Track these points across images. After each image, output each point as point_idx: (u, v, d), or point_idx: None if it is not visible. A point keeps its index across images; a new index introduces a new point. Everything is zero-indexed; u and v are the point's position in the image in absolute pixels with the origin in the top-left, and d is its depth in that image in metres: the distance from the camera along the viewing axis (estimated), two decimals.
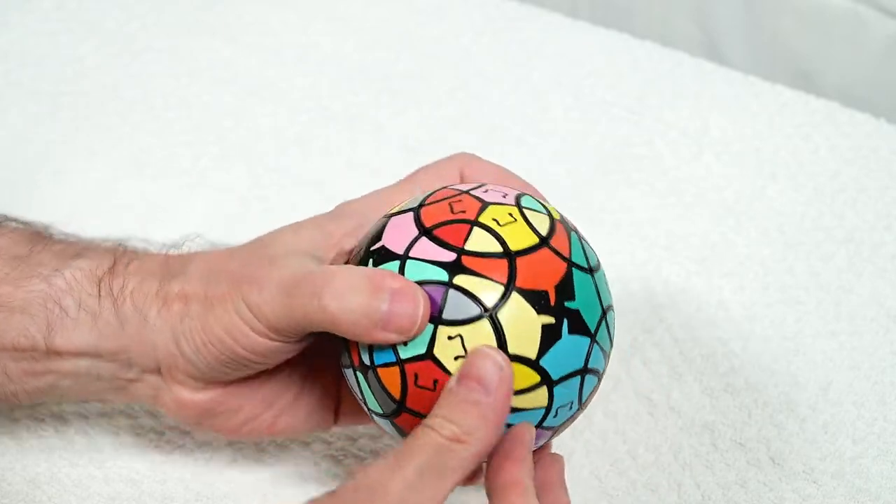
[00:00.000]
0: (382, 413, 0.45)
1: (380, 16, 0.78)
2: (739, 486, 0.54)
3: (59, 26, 0.77)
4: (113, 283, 0.49)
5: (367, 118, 0.71)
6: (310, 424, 0.51)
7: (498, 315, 0.43)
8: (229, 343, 0.46)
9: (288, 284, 0.45)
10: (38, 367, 0.49)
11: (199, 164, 0.69)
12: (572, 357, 0.44)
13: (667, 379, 0.58)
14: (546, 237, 0.45)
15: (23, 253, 0.50)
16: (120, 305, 0.48)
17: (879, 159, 0.68)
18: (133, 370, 0.49)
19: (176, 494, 0.54)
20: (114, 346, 0.48)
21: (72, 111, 0.72)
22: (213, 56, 0.75)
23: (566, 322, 0.44)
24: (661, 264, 0.63)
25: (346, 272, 0.45)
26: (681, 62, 0.75)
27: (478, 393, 0.42)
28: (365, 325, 0.43)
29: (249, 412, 0.50)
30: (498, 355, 0.42)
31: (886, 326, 0.60)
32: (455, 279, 0.43)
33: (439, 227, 0.45)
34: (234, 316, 0.46)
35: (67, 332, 0.48)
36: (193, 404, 0.49)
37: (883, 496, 0.54)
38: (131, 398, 0.50)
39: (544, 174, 0.68)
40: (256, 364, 0.47)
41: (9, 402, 0.50)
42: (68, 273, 0.49)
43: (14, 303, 0.48)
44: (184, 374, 0.48)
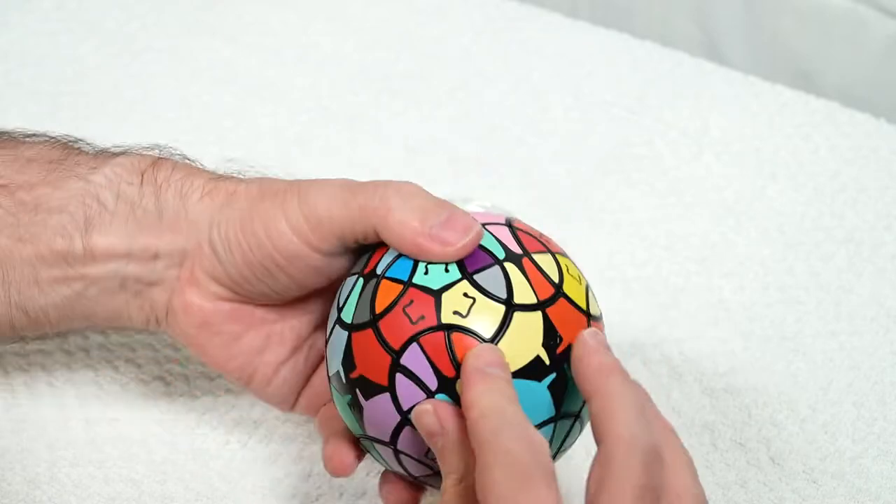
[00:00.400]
0: (349, 323, 0.45)
1: (380, 16, 0.78)
2: (739, 486, 0.54)
3: (59, 26, 0.77)
4: (157, 174, 0.49)
5: (367, 118, 0.71)
6: (279, 392, 0.51)
7: (515, 313, 0.44)
8: (263, 240, 0.46)
9: (353, 183, 0.46)
10: (70, 272, 0.48)
11: (199, 164, 0.69)
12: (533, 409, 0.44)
13: (667, 379, 0.58)
14: (591, 315, 0.46)
15: (60, 157, 0.50)
16: (162, 192, 0.48)
17: (879, 159, 0.68)
18: (157, 267, 0.48)
19: (176, 494, 0.54)
20: (146, 238, 0.48)
21: (72, 111, 0.72)
22: (213, 56, 0.75)
23: (554, 376, 0.44)
24: (661, 264, 0.63)
25: (413, 184, 0.46)
26: (681, 62, 0.75)
27: (438, 440, 0.42)
28: (415, 228, 0.44)
29: (244, 345, 0.49)
30: (426, 404, 0.43)
31: (886, 326, 0.60)
32: (506, 264, 0.45)
33: (523, 233, 0.47)
34: (279, 212, 0.46)
35: (104, 227, 0.48)
36: (200, 312, 0.48)
37: (883, 496, 0.54)
38: (147, 309, 0.50)
39: (544, 174, 0.68)
40: (279, 275, 0.47)
41: (38, 326, 0.50)
42: (108, 169, 0.49)
43: (52, 203, 0.48)
44: (205, 271, 0.48)
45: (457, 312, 0.43)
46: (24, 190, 0.49)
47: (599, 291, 0.62)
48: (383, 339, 0.44)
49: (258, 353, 0.50)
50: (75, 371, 0.57)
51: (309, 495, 0.54)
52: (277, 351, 0.50)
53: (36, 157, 0.50)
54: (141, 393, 0.57)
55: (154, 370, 0.58)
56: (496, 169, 0.68)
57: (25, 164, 0.49)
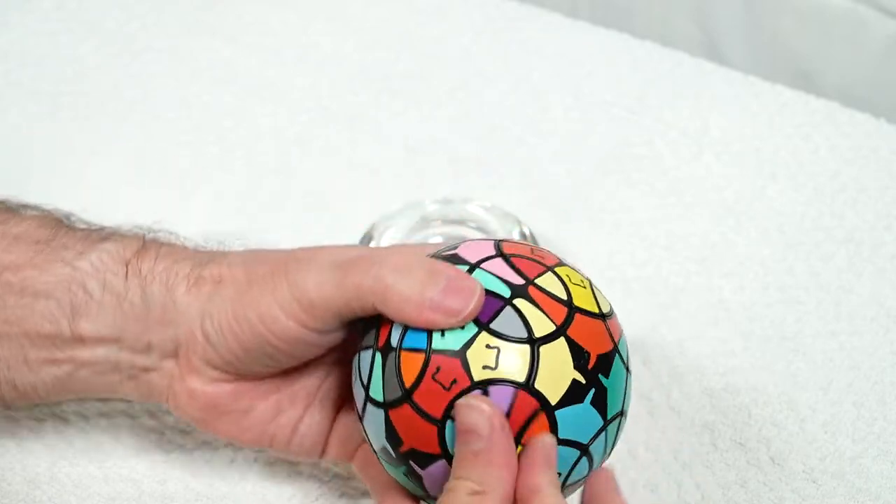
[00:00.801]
0: (382, 401, 0.44)
1: (380, 16, 0.78)
2: (739, 486, 0.54)
3: (59, 26, 0.77)
4: (142, 265, 0.48)
5: (367, 118, 0.71)
6: (303, 446, 0.50)
7: (540, 347, 0.43)
8: (258, 326, 0.46)
9: (343, 261, 0.45)
10: (59, 355, 0.48)
11: (199, 164, 0.69)
12: (583, 427, 0.44)
13: (667, 379, 0.58)
14: (605, 315, 0.46)
15: (47, 237, 0.49)
16: (148, 285, 0.48)
17: (879, 159, 0.68)
18: (151, 356, 0.48)
19: (176, 494, 0.54)
20: (136, 329, 0.48)
21: (72, 111, 0.72)
22: (213, 56, 0.75)
23: (593, 391, 0.44)
24: (661, 264, 0.63)
25: (406, 251, 0.45)
26: (681, 62, 0.75)
27: (475, 442, 0.42)
28: (416, 303, 0.43)
29: (256, 417, 0.49)
30: (479, 401, 0.42)
31: (886, 326, 0.60)
32: (515, 300, 0.44)
33: (517, 257, 0.46)
34: (271, 299, 0.45)
35: (92, 316, 0.48)
36: (204, 396, 0.48)
37: (883, 496, 0.54)
38: (145, 391, 0.49)
39: (544, 174, 0.68)
40: (278, 355, 0.47)
41: (28, 399, 0.50)
42: (94, 256, 0.48)
43: (38, 287, 0.48)
44: (201, 359, 0.47)
45: (486, 367, 0.43)
46: (10, 271, 0.48)
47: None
48: (423, 411, 0.43)
49: (271, 421, 0.49)
50: None
51: (309, 495, 0.54)
52: (290, 413, 0.50)
53: (23, 235, 0.49)
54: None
55: None
56: (496, 169, 0.68)
57: (12, 241, 0.49)
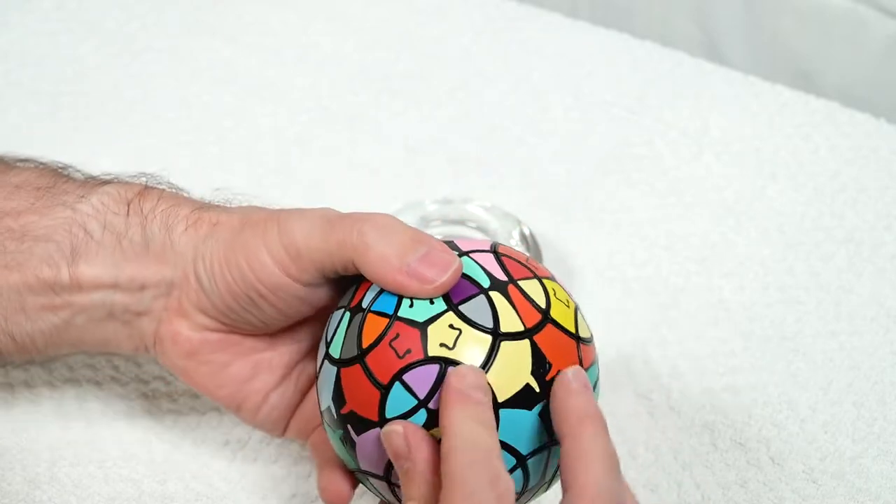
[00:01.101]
0: (337, 358, 0.45)
1: (380, 16, 0.78)
2: (739, 486, 0.54)
3: (59, 26, 0.77)
4: (143, 204, 0.48)
5: (367, 118, 0.71)
6: (269, 418, 0.50)
7: (502, 342, 0.43)
8: (245, 271, 0.46)
9: (332, 216, 0.46)
10: (57, 301, 0.48)
11: (199, 164, 0.69)
12: (524, 435, 0.43)
13: (667, 379, 0.58)
14: (581, 338, 0.45)
15: (47, 184, 0.50)
16: (148, 223, 0.48)
17: (879, 159, 0.68)
18: (145, 297, 0.48)
19: (176, 494, 0.54)
20: (133, 268, 0.48)
21: (72, 111, 0.72)
22: (213, 56, 0.75)
23: (544, 403, 0.43)
24: (661, 264, 0.63)
25: (392, 217, 0.46)
26: (681, 62, 0.75)
27: (403, 463, 0.42)
28: (393, 265, 0.44)
29: (233, 374, 0.49)
30: (397, 426, 0.42)
31: (886, 326, 0.60)
32: (491, 293, 0.44)
33: (509, 258, 0.46)
34: (260, 242, 0.46)
35: (91, 257, 0.48)
36: (188, 342, 0.48)
37: (883, 496, 0.54)
38: (136, 337, 0.50)
39: (544, 174, 0.68)
40: (263, 305, 0.47)
41: (26, 352, 0.50)
42: (95, 199, 0.49)
43: (39, 231, 0.48)
44: (190, 302, 0.48)
45: (443, 345, 0.43)
46: (11, 217, 0.49)
47: (599, 291, 0.62)
48: (371, 374, 0.43)
49: (247, 381, 0.50)
50: (75, 371, 0.57)
51: (309, 495, 0.54)
52: (266, 379, 0.50)
53: (23, 183, 0.50)
54: (141, 393, 0.57)
55: (154, 370, 0.58)
56: (496, 169, 0.68)
57: (13, 190, 0.49)
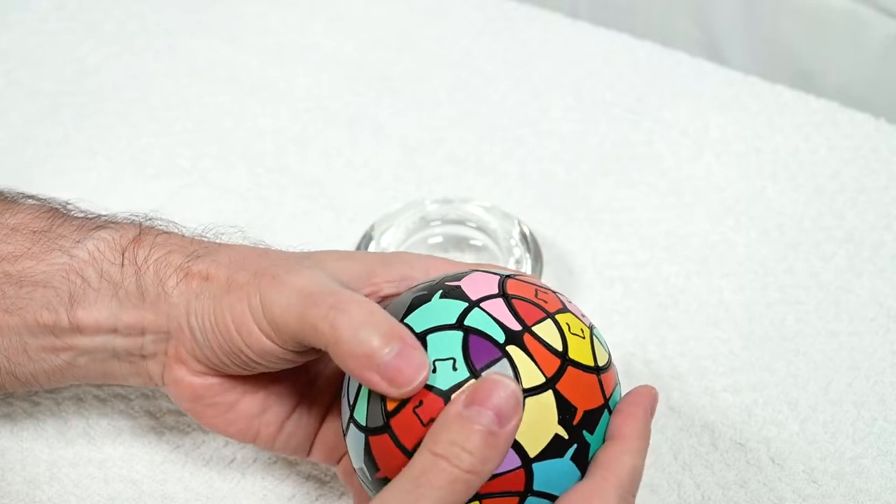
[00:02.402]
0: (364, 426, 0.45)
1: (380, 16, 0.78)
2: (739, 486, 0.54)
3: (59, 26, 0.77)
4: (137, 253, 0.48)
5: (367, 118, 0.71)
6: (289, 445, 0.50)
7: (526, 399, 0.43)
8: (234, 334, 0.46)
9: (310, 293, 0.45)
10: (58, 343, 0.48)
11: (199, 164, 0.69)
12: (559, 481, 0.43)
13: (667, 379, 0.58)
14: (600, 368, 0.45)
15: (43, 227, 0.50)
16: (142, 274, 0.48)
17: (879, 159, 0.68)
18: (147, 342, 0.48)
19: (176, 494, 0.54)
20: (132, 317, 0.48)
21: (72, 111, 0.72)
22: (213, 56, 0.75)
23: (575, 447, 0.43)
24: (661, 264, 0.63)
25: (370, 306, 0.44)
26: (681, 62, 0.75)
27: (495, 424, 0.41)
28: (362, 362, 0.42)
29: (242, 411, 0.49)
30: (514, 384, 0.42)
31: (886, 326, 0.60)
32: (508, 348, 0.43)
33: (519, 299, 0.45)
34: (245, 308, 0.46)
35: (89, 304, 0.48)
36: (190, 387, 0.48)
37: (883, 496, 0.54)
38: (144, 376, 0.50)
39: (544, 174, 0.68)
40: (255, 363, 0.47)
41: (29, 386, 0.50)
42: (91, 244, 0.49)
43: (37, 276, 0.48)
44: (188, 352, 0.48)
45: None
46: (8, 262, 0.49)
47: (599, 291, 0.62)
48: (398, 441, 0.43)
49: (257, 416, 0.49)
50: None
51: (309, 495, 0.54)
52: (277, 411, 0.50)
53: (19, 225, 0.50)
54: (141, 393, 0.57)
55: None
56: (496, 169, 0.68)
57: (9, 233, 0.49)
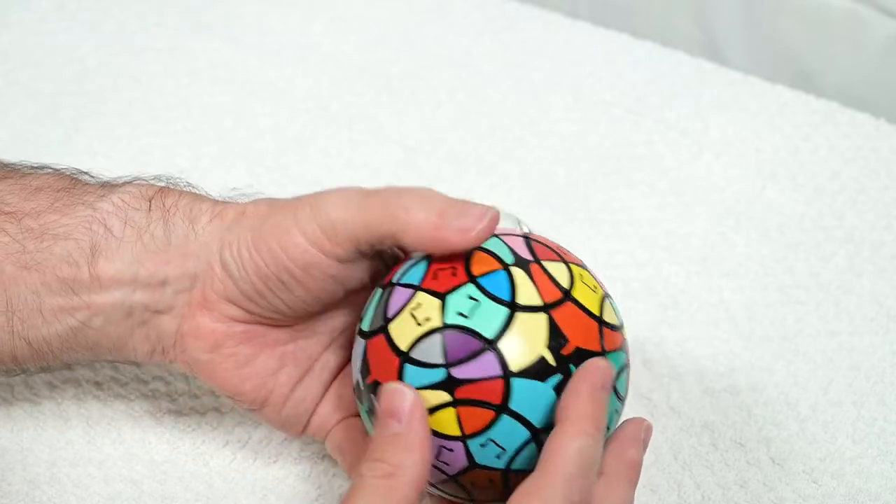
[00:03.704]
0: (366, 331, 0.46)
1: (380, 16, 0.78)
2: (739, 486, 0.54)
3: (59, 26, 0.77)
4: (165, 200, 0.49)
5: (367, 118, 0.71)
6: (294, 414, 0.51)
7: (518, 313, 0.44)
8: (277, 252, 0.46)
9: (367, 191, 0.47)
10: (75, 301, 0.48)
11: (199, 164, 0.69)
12: (537, 407, 0.44)
13: (667, 379, 0.58)
14: (605, 322, 0.46)
15: (67, 186, 0.50)
16: (171, 216, 0.48)
17: (879, 159, 0.68)
18: (166, 293, 0.48)
19: (176, 494, 0.54)
20: (154, 263, 0.48)
21: (72, 111, 0.72)
22: (213, 56, 0.75)
23: (559, 377, 0.44)
24: (661, 264, 0.63)
25: (427, 188, 0.47)
26: (681, 62, 0.75)
27: (395, 426, 0.43)
28: (433, 223, 0.45)
29: (258, 366, 0.49)
30: (403, 387, 0.43)
31: (886, 326, 0.60)
32: (512, 269, 0.45)
33: (539, 243, 0.47)
34: (292, 223, 0.46)
35: (111, 254, 0.48)
36: (212, 335, 0.48)
37: (883, 496, 0.54)
38: (154, 338, 0.49)
39: (544, 174, 0.68)
40: (295, 286, 0.47)
41: (41, 357, 0.49)
42: (116, 197, 0.49)
43: (58, 229, 0.48)
44: (217, 292, 0.48)
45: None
46: (31, 217, 0.49)
47: None
48: (392, 342, 0.45)
49: (272, 374, 0.50)
50: (75, 370, 0.57)
51: (309, 495, 0.54)
52: (291, 371, 0.50)
53: (43, 185, 0.50)
54: (141, 393, 0.57)
55: (154, 370, 0.58)
56: (496, 169, 0.68)
57: (33, 192, 0.49)
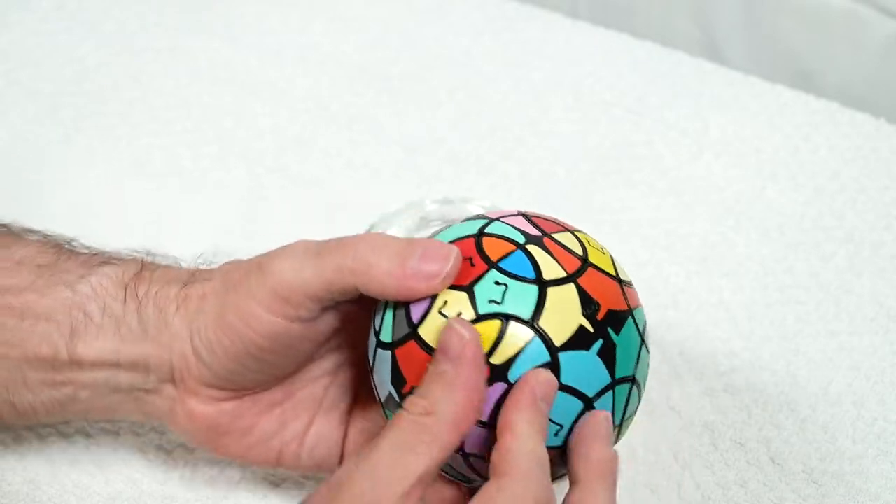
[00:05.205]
0: (390, 342, 0.45)
1: (380, 16, 0.78)
2: (739, 486, 0.54)
3: (59, 26, 0.77)
4: (138, 288, 0.49)
5: (367, 118, 0.71)
6: (315, 460, 0.50)
7: (548, 288, 0.44)
8: (241, 329, 0.46)
9: (317, 248, 0.46)
10: (59, 378, 0.48)
11: (199, 164, 0.69)
12: (587, 377, 0.44)
13: (667, 379, 0.58)
14: (623, 280, 0.46)
15: (48, 262, 0.50)
16: (143, 308, 0.48)
17: (879, 159, 0.68)
18: (151, 379, 0.48)
19: (176, 494, 0.54)
20: (134, 352, 0.48)
21: (72, 111, 0.72)
22: (213, 56, 0.75)
23: (601, 342, 0.44)
24: (661, 264, 0.63)
25: (379, 234, 0.46)
26: (681, 62, 0.75)
27: (443, 364, 0.42)
28: (397, 274, 0.44)
29: (261, 432, 0.49)
30: (462, 327, 0.43)
31: (886, 326, 0.60)
32: (528, 246, 0.45)
33: (539, 217, 0.47)
34: (247, 297, 0.46)
35: (90, 339, 0.48)
36: (204, 418, 0.48)
37: (883, 496, 0.54)
38: (148, 412, 0.50)
39: (544, 174, 0.68)
40: (266, 357, 0.47)
41: (27, 418, 0.50)
42: (94, 280, 0.49)
43: (39, 310, 0.48)
44: (196, 380, 0.48)
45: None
46: (12, 294, 0.49)
47: None
48: (426, 344, 0.44)
49: (276, 435, 0.50)
50: None
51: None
52: (295, 426, 0.50)
53: (25, 259, 0.50)
54: None
55: None
56: (496, 169, 0.68)
57: (14, 266, 0.50)
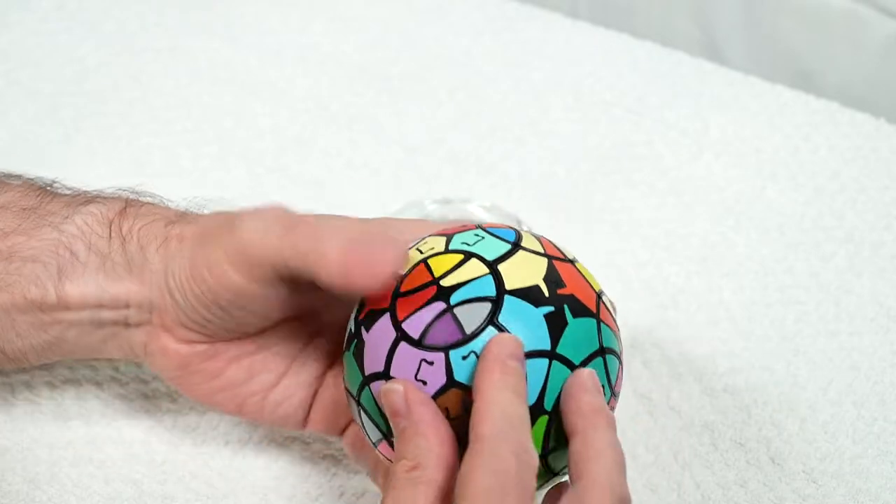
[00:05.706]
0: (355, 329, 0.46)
1: (380, 16, 0.78)
2: (739, 486, 0.54)
3: (59, 26, 0.77)
4: (123, 224, 0.49)
5: (367, 118, 0.71)
6: (277, 415, 0.51)
7: (520, 250, 0.45)
8: (208, 279, 0.46)
9: (289, 221, 0.46)
10: (47, 319, 0.49)
11: (199, 164, 0.69)
12: (528, 327, 0.44)
13: (667, 379, 0.58)
14: (604, 302, 0.47)
15: (32, 204, 0.50)
16: (127, 244, 0.49)
17: (879, 159, 0.68)
18: (131, 314, 0.49)
19: (176, 494, 0.54)
20: (118, 289, 0.49)
21: (72, 111, 0.72)
22: (213, 56, 0.75)
23: (552, 310, 0.44)
24: (661, 264, 0.63)
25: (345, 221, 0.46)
26: (681, 62, 0.75)
27: (399, 422, 0.43)
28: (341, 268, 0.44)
29: (228, 379, 0.50)
30: (392, 384, 0.43)
31: (886, 326, 0.60)
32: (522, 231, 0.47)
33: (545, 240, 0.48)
34: (219, 250, 0.46)
35: (77, 277, 0.49)
36: (176, 355, 0.49)
37: (883, 496, 0.54)
38: (126, 349, 0.50)
39: (544, 174, 0.68)
40: (234, 311, 0.47)
41: (18, 363, 0.51)
42: (79, 219, 0.49)
43: (25, 252, 0.49)
44: (171, 318, 0.48)
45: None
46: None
47: None
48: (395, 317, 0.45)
49: (242, 384, 0.50)
50: (75, 371, 0.57)
51: (309, 495, 0.54)
52: (264, 379, 0.50)
53: (8, 203, 0.50)
54: (141, 393, 0.57)
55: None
56: (496, 169, 0.68)
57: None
